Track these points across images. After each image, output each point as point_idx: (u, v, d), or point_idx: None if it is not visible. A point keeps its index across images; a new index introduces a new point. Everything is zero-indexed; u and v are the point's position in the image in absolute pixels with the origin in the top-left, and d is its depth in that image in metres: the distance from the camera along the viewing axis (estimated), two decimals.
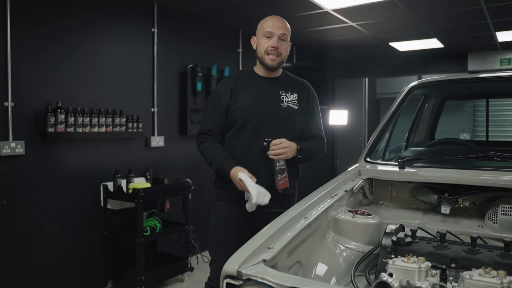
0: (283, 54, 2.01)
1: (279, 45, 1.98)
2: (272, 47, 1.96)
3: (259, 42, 2.02)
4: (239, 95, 2.00)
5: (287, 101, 2.05)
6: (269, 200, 1.88)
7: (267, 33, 1.98)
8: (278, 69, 2.07)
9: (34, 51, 3.02)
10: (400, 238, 1.40)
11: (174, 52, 4.10)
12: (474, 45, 5.85)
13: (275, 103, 2.02)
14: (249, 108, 1.98)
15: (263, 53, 1.99)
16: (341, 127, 6.59)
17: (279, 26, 1.99)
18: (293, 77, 2.18)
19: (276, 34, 1.97)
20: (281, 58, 2.01)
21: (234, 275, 1.18)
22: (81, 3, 3.32)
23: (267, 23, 2.00)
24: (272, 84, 2.07)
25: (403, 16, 4.23)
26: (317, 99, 2.21)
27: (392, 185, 2.06)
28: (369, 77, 6.87)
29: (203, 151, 2.02)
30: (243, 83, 2.05)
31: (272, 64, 1.99)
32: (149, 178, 3.71)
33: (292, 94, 2.08)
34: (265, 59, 1.99)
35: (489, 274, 1.10)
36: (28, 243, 3.01)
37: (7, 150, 2.84)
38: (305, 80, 2.21)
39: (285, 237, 1.39)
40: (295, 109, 2.06)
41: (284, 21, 2.03)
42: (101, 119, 3.34)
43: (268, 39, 1.98)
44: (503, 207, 1.67)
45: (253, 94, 2.02)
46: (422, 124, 3.11)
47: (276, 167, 1.94)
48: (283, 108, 2.03)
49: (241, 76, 2.11)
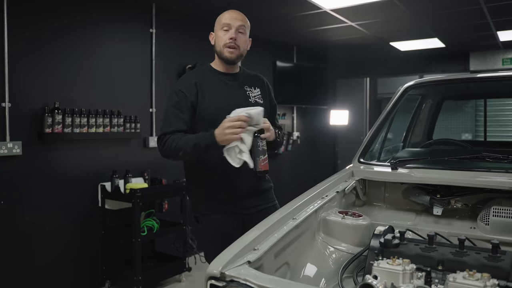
0: (241, 46, 1.94)
1: (237, 37, 1.91)
2: (230, 38, 1.89)
3: (217, 36, 1.95)
4: (206, 93, 1.90)
5: (253, 96, 2.01)
6: (254, 198, 1.89)
7: (225, 25, 1.91)
8: (237, 63, 2.01)
9: (31, 52, 3.04)
10: (387, 240, 1.39)
11: (173, 52, 4.10)
12: (476, 45, 5.82)
13: (244, 100, 1.96)
14: (220, 106, 1.88)
15: (222, 47, 1.91)
16: (342, 127, 6.58)
17: (237, 18, 1.93)
18: (250, 72, 2.13)
19: (234, 26, 1.91)
20: (239, 51, 1.93)
21: (217, 276, 1.18)
22: (79, 4, 3.33)
23: (224, 16, 1.94)
24: (236, 80, 2.01)
25: (403, 15, 4.22)
26: (273, 92, 2.17)
27: (385, 186, 2.05)
28: (370, 77, 6.85)
29: (172, 143, 1.81)
30: (206, 81, 1.94)
31: (230, 56, 1.92)
32: (147, 178, 3.72)
33: (255, 89, 2.04)
34: (223, 52, 1.91)
35: (473, 277, 1.09)
36: (26, 243, 3.03)
37: (4, 151, 2.86)
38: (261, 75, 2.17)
39: (272, 238, 1.39)
40: (261, 104, 2.01)
41: (242, 14, 1.97)
42: (99, 120, 3.35)
43: (226, 31, 1.91)
44: (495, 209, 1.65)
45: (220, 91, 1.94)
46: (419, 124, 3.09)
47: (259, 147, 1.79)
48: (252, 103, 1.97)
49: (202, 74, 1.99)
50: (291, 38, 5.57)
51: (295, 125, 6.14)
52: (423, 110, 3.03)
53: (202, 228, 2.02)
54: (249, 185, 1.94)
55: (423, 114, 3.08)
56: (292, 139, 6.04)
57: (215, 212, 1.94)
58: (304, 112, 6.31)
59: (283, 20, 4.57)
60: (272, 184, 2.10)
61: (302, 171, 6.14)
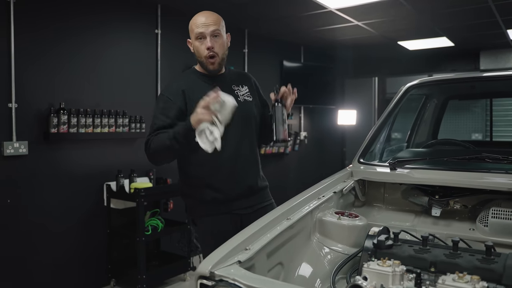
0: (219, 52, 1.89)
1: (214, 44, 1.86)
2: (207, 49, 1.86)
3: (194, 45, 1.92)
4: (194, 99, 1.82)
5: (242, 94, 1.99)
6: (250, 197, 1.90)
7: (198, 34, 1.86)
8: (221, 68, 1.98)
9: (37, 53, 3.08)
10: (380, 241, 1.38)
11: (178, 53, 4.12)
12: (486, 44, 5.73)
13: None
14: None
15: (203, 58, 1.89)
16: (350, 127, 6.55)
17: (208, 23, 1.86)
18: (236, 71, 2.12)
19: (207, 33, 1.85)
20: (219, 57, 1.90)
21: (207, 275, 1.19)
22: (84, 5, 3.37)
23: (195, 24, 1.87)
24: (222, 80, 1.97)
25: (408, 14, 4.18)
26: (260, 87, 2.15)
27: (385, 186, 2.04)
28: (378, 77, 6.80)
29: (152, 144, 1.80)
30: (193, 86, 1.91)
31: (213, 67, 1.90)
32: (152, 178, 3.74)
33: (243, 87, 2.02)
34: (205, 64, 1.90)
35: (463, 279, 1.08)
36: (31, 241, 3.07)
37: (10, 150, 2.91)
38: (247, 72, 2.17)
39: (264, 238, 1.39)
40: (251, 101, 2.00)
41: (212, 15, 1.89)
42: (104, 120, 3.39)
43: (201, 40, 1.87)
44: (494, 210, 1.63)
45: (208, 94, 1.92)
46: (424, 124, 3.06)
47: (282, 116, 1.82)
48: (241, 102, 1.95)
49: (188, 79, 1.96)
50: (298, 38, 5.56)
51: (302, 125, 6.12)
52: (427, 110, 3.00)
53: (199, 230, 2.03)
54: (245, 185, 1.94)
55: (428, 114, 3.05)
56: (299, 139, 6.03)
57: (212, 214, 1.93)
58: (312, 112, 6.29)
59: (289, 20, 4.57)
60: (267, 183, 2.10)
61: (309, 171, 6.12)
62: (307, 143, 6.21)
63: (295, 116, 5.97)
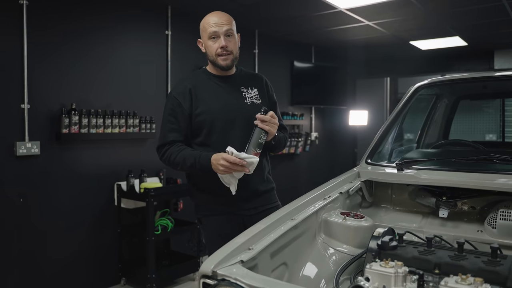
0: (234, 50, 1.92)
1: (228, 43, 1.88)
2: (221, 47, 1.88)
3: (206, 45, 1.94)
4: (200, 98, 1.90)
5: (250, 97, 1.99)
6: (254, 200, 1.92)
7: (212, 33, 1.88)
8: (233, 66, 1.99)
9: (49, 54, 3.14)
10: (384, 242, 1.37)
11: (188, 54, 4.15)
12: (501, 43, 5.64)
13: (239, 101, 1.95)
14: (215, 110, 1.90)
15: (214, 56, 1.91)
16: (361, 128, 6.50)
17: (222, 23, 1.88)
18: (248, 72, 2.11)
19: (221, 32, 1.87)
20: (233, 55, 1.92)
21: (209, 274, 1.20)
22: (95, 6, 3.42)
23: (208, 23, 1.89)
24: (231, 82, 1.99)
25: (419, 14, 4.13)
26: (273, 90, 2.14)
27: (392, 187, 2.02)
28: (390, 77, 6.74)
29: (170, 156, 1.88)
30: (201, 85, 1.94)
31: (226, 63, 1.91)
32: (162, 178, 3.77)
33: (252, 89, 2.01)
34: (217, 61, 1.91)
35: (466, 281, 1.07)
36: (44, 240, 3.13)
37: (23, 150, 2.96)
38: (259, 73, 2.16)
39: (268, 238, 1.39)
40: (259, 104, 1.98)
41: (224, 15, 1.92)
42: (115, 120, 3.43)
43: (215, 40, 1.89)
44: (502, 212, 1.61)
45: (215, 95, 1.94)
46: (435, 125, 3.03)
47: (259, 139, 1.79)
48: (248, 105, 1.95)
49: (197, 78, 1.99)
50: (309, 38, 5.54)
51: (313, 125, 6.10)
52: (438, 110, 2.96)
53: (203, 229, 2.05)
54: (250, 188, 1.93)
55: (438, 114, 3.02)
56: (310, 140, 6.01)
57: (216, 214, 1.95)
58: (323, 112, 6.26)
59: (299, 20, 4.56)
60: (274, 185, 2.09)
61: (319, 172, 6.09)
62: (318, 143, 6.19)
63: (306, 116, 5.96)
